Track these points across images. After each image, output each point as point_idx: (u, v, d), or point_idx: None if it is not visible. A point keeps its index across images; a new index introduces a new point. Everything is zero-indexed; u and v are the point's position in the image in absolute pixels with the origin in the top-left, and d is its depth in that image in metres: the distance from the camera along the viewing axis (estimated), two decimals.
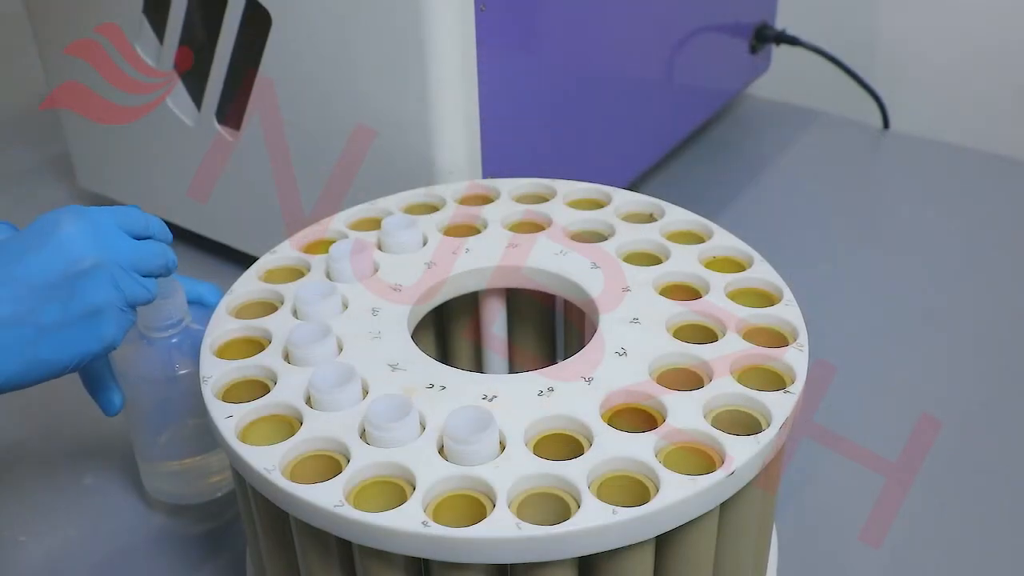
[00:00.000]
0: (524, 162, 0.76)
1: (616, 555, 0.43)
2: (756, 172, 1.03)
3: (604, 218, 0.62)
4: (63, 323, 0.47)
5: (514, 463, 0.44)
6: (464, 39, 0.67)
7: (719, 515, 0.46)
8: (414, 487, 0.44)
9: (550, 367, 0.50)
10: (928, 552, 0.62)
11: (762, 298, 0.55)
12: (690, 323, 0.53)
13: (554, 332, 0.67)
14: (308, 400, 0.49)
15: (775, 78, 1.17)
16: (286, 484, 0.44)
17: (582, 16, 0.79)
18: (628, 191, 0.65)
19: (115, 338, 0.50)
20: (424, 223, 0.62)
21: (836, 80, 1.11)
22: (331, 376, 0.49)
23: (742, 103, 1.17)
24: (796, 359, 0.50)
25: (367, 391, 0.49)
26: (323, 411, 0.48)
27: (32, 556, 0.63)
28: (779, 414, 0.46)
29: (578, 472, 0.44)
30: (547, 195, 0.66)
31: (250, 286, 0.58)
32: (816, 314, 0.59)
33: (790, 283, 0.56)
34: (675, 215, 0.63)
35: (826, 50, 1.09)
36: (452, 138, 0.70)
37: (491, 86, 0.70)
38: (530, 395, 0.48)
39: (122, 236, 0.50)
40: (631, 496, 0.43)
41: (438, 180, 0.71)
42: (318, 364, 0.51)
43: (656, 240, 0.60)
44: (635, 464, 0.44)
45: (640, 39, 0.88)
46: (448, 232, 0.62)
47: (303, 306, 0.54)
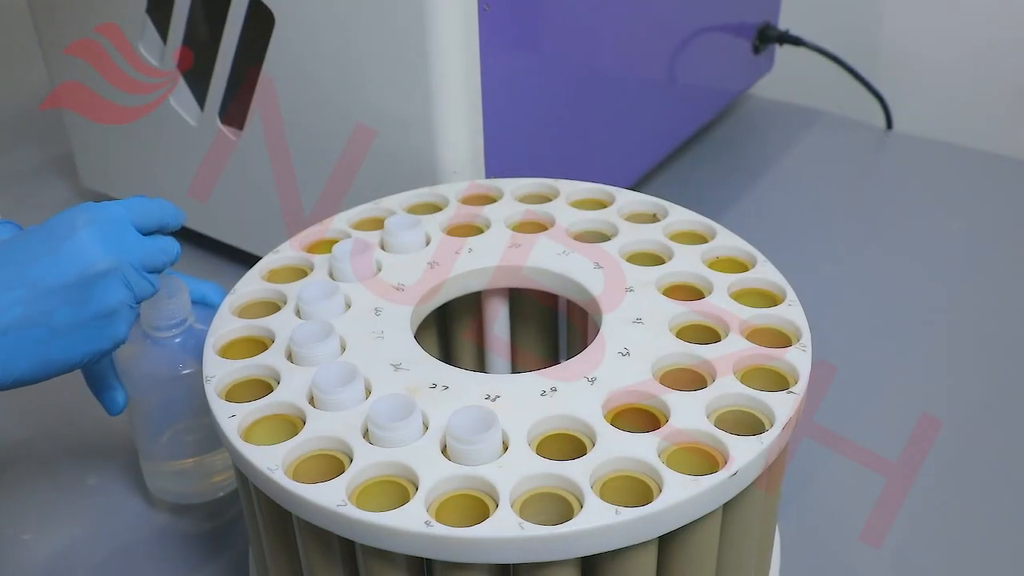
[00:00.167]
0: (527, 162, 0.76)
1: (619, 555, 0.43)
2: (759, 172, 1.03)
3: (607, 218, 0.62)
4: (75, 325, 0.48)
5: (517, 463, 0.44)
6: (467, 39, 0.67)
7: (722, 515, 0.46)
8: (417, 487, 0.44)
9: (553, 367, 0.50)
10: (930, 552, 0.61)
11: (765, 298, 0.55)
12: (693, 323, 0.53)
13: (557, 333, 0.67)
14: (311, 400, 0.49)
15: (778, 78, 1.17)
16: (289, 484, 0.44)
17: (585, 16, 0.79)
18: (631, 191, 0.65)
19: (124, 336, 0.51)
20: (427, 223, 0.62)
21: (839, 80, 1.11)
22: (334, 376, 0.49)
23: (745, 103, 1.17)
24: (799, 359, 0.50)
25: (370, 391, 0.49)
26: (326, 411, 0.48)
27: (35, 555, 0.63)
28: (782, 414, 0.46)
29: (581, 472, 0.44)
30: (550, 195, 0.66)
31: (253, 286, 0.58)
32: (819, 314, 0.59)
33: (793, 283, 0.56)
34: (678, 215, 0.62)
35: (829, 50, 1.09)
36: (455, 138, 0.70)
37: (494, 86, 0.70)
38: (533, 395, 0.48)
39: (134, 235, 0.50)
40: (634, 496, 0.43)
41: (441, 180, 0.71)
42: (321, 364, 0.51)
43: (659, 240, 0.60)
44: (638, 464, 0.44)
45: (643, 39, 0.88)
46: (451, 232, 0.62)
47: (306, 306, 0.54)
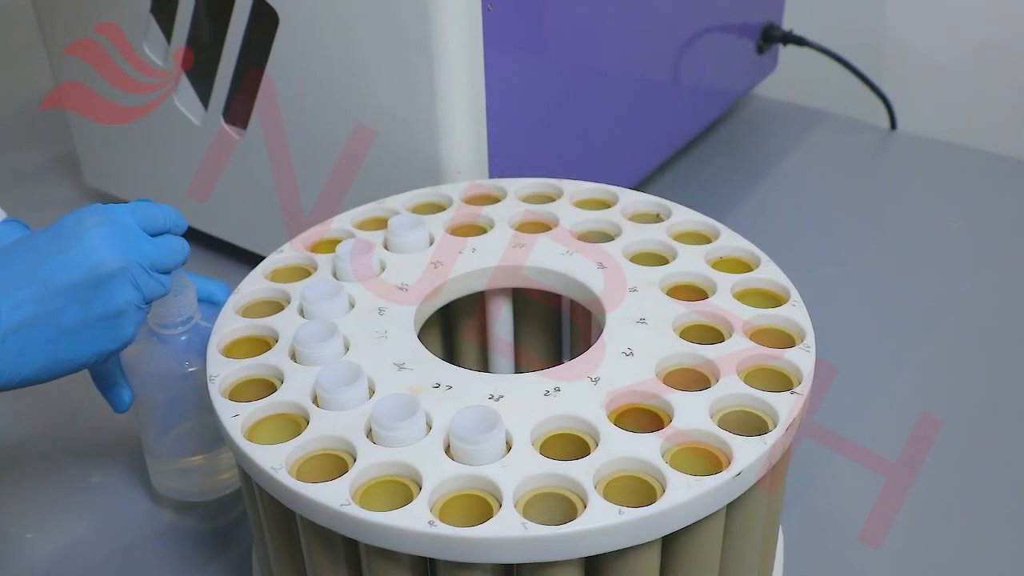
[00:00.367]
0: (531, 162, 0.76)
1: (622, 555, 0.43)
2: (763, 173, 1.03)
3: (611, 218, 0.62)
4: (84, 324, 0.48)
5: (520, 463, 0.44)
6: (471, 39, 0.67)
7: (725, 516, 0.46)
8: (420, 486, 0.44)
9: (556, 367, 0.50)
10: (933, 552, 0.61)
11: (769, 299, 0.55)
12: (697, 323, 0.53)
13: (560, 333, 0.67)
14: (315, 399, 0.49)
15: (782, 78, 1.16)
16: (293, 483, 0.44)
17: (589, 16, 0.79)
18: (635, 191, 0.65)
19: (133, 336, 0.51)
20: (431, 223, 0.62)
21: (843, 81, 1.11)
22: (338, 375, 0.49)
23: (749, 103, 1.17)
24: (803, 360, 0.50)
25: (373, 390, 0.49)
26: (330, 410, 0.48)
27: (40, 553, 0.63)
28: (786, 415, 0.46)
29: (584, 472, 0.44)
30: (554, 195, 0.66)
31: (257, 285, 0.58)
32: (823, 315, 0.59)
33: (797, 284, 0.56)
34: (682, 215, 0.62)
35: (833, 50, 1.09)
36: (459, 138, 0.70)
37: (498, 86, 0.70)
38: (536, 395, 0.48)
39: (143, 236, 0.50)
40: (637, 496, 0.43)
41: (445, 180, 0.71)
42: (325, 363, 0.51)
43: (663, 240, 0.60)
44: (641, 464, 0.44)
45: (647, 39, 0.88)
46: (454, 232, 0.62)
47: (310, 305, 0.55)
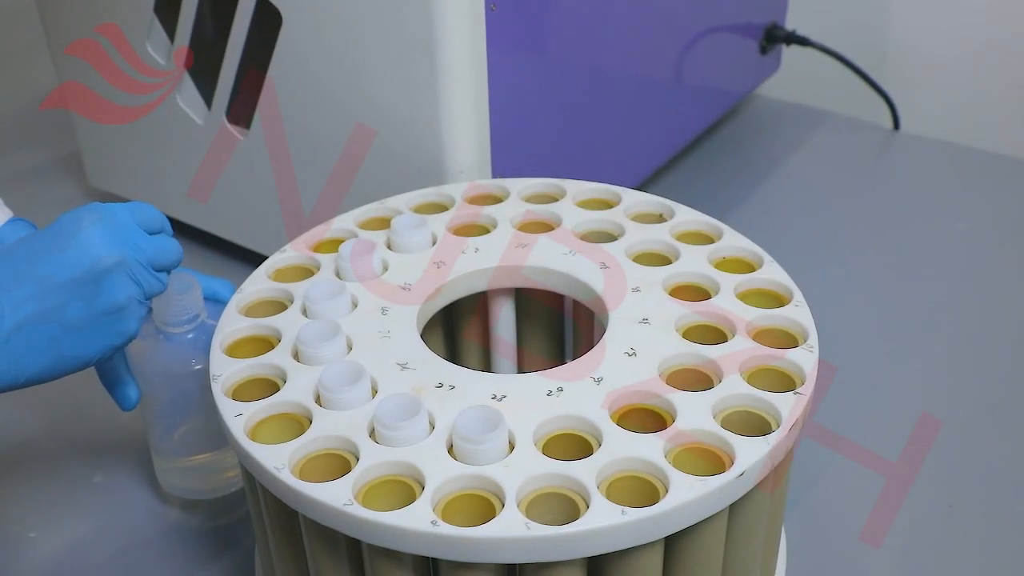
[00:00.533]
0: (534, 162, 0.76)
1: (625, 555, 0.43)
2: (766, 173, 1.03)
3: (613, 218, 0.62)
4: (86, 320, 0.48)
5: (523, 463, 0.44)
6: (474, 39, 0.67)
7: (728, 516, 0.46)
8: (423, 486, 0.44)
9: (559, 367, 0.50)
10: (935, 552, 0.61)
11: (772, 299, 0.55)
12: (699, 324, 0.53)
13: (563, 333, 0.67)
14: (317, 399, 0.49)
15: (785, 78, 1.16)
16: (295, 483, 0.44)
17: (592, 16, 0.79)
18: (637, 191, 0.65)
19: (135, 331, 0.51)
20: (433, 223, 0.62)
21: (846, 81, 1.11)
22: (340, 375, 0.49)
23: (752, 103, 1.16)
24: (806, 360, 0.50)
25: (376, 390, 0.49)
26: (332, 410, 0.48)
27: (43, 552, 0.63)
28: (788, 415, 0.46)
29: (587, 472, 0.44)
30: (556, 195, 0.66)
31: (260, 285, 0.58)
32: (826, 315, 0.59)
33: (800, 284, 0.56)
34: (684, 215, 0.62)
35: (836, 51, 1.09)
36: (462, 138, 0.70)
37: (501, 86, 0.70)
38: (539, 395, 0.48)
39: (139, 232, 0.51)
40: (640, 496, 0.43)
41: (448, 180, 0.71)
42: (327, 363, 0.51)
43: (665, 240, 0.60)
44: (644, 464, 0.44)
45: (650, 39, 0.88)
46: (457, 232, 0.62)
47: (313, 305, 0.55)
